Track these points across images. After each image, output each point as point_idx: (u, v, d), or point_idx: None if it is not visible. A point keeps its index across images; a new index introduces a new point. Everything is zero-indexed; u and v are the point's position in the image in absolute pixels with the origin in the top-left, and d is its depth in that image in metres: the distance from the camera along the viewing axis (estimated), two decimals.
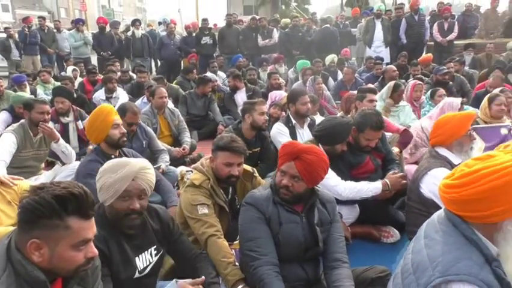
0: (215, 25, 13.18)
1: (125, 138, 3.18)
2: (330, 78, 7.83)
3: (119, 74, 7.53)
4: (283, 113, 4.76)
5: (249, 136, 3.81)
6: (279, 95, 5.36)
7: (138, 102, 5.59)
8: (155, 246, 2.06)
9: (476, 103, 5.19)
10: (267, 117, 3.85)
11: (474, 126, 4.08)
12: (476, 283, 1.33)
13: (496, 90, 4.76)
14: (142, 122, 4.32)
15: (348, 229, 3.11)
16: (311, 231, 2.16)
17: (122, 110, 3.84)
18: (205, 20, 10.67)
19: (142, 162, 1.98)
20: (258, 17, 11.09)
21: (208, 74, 7.51)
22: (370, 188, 3.03)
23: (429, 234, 1.55)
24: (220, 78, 8.00)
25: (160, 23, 12.96)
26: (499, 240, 1.42)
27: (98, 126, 3.10)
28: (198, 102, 6.19)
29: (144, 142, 4.07)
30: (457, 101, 3.98)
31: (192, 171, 3.26)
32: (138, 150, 3.78)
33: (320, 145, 3.08)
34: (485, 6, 11.15)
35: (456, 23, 9.73)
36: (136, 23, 10.39)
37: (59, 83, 6.71)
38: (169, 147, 4.61)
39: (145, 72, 7.26)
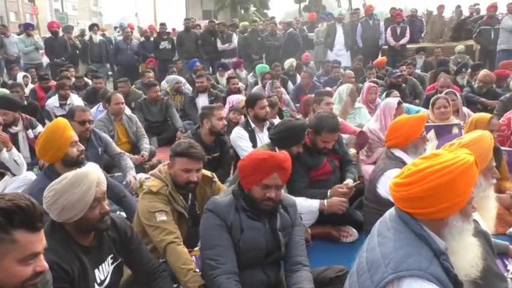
0: (173, 30, 13.05)
1: (83, 156, 2.95)
2: (289, 82, 7.94)
3: (73, 80, 7.29)
4: (243, 118, 4.77)
5: (208, 141, 3.79)
6: (237, 99, 5.38)
7: (93, 110, 5.43)
8: (112, 255, 2.01)
9: (427, 104, 5.42)
10: (226, 122, 3.84)
11: (430, 124, 4.30)
12: (426, 277, 1.39)
13: (448, 92, 4.98)
14: (97, 129, 4.21)
15: (308, 231, 3.15)
16: (273, 236, 2.18)
17: (70, 113, 3.75)
18: (163, 25, 10.56)
19: (95, 167, 1.96)
20: (216, 21, 11.09)
21: (172, 76, 7.40)
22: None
23: (382, 232, 1.60)
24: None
25: (116, 28, 12.68)
26: (446, 235, 1.50)
27: (54, 145, 2.75)
28: (152, 108, 6.08)
29: (100, 149, 3.96)
30: (394, 101, 4.17)
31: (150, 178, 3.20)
32: (94, 158, 3.68)
33: (276, 148, 3.12)
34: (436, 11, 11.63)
35: (408, 27, 10.13)
36: (94, 27, 10.15)
37: (7, 91, 6.39)
38: (128, 154, 4.51)
39: (101, 77, 7.08)
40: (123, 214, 3.25)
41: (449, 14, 12.15)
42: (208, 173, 2.81)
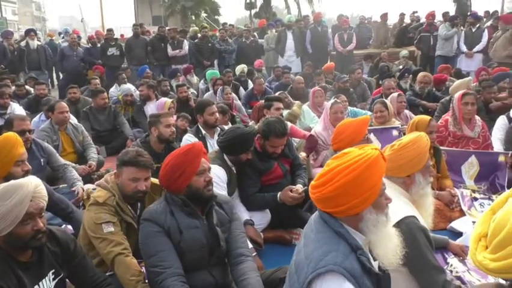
0: (122, 36, 12.75)
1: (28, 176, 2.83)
2: (241, 88, 7.98)
3: (13, 88, 6.90)
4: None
5: (157, 149, 3.73)
6: (161, 104, 5.35)
7: (35, 119, 5.17)
8: (53, 270, 1.92)
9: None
10: (174, 129, 3.79)
11: (371, 128, 4.48)
12: (339, 271, 1.46)
13: (393, 96, 5.22)
14: (40, 139, 4.03)
15: (261, 235, 3.18)
16: (212, 232, 2.21)
17: (8, 122, 3.61)
18: (110, 31, 10.29)
19: (34, 180, 1.86)
20: (167, 28, 10.94)
21: (125, 87, 7.18)
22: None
23: (307, 234, 1.67)
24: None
25: (60, 34, 12.18)
26: (364, 229, 1.59)
27: None
28: (99, 116, 5.88)
29: (42, 160, 3.78)
30: (329, 103, 4.37)
31: None
32: (36, 170, 3.49)
33: (225, 155, 3.14)
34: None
35: (354, 34, 10.51)
36: (30, 32, 9.65)
37: None
38: (73, 164, 4.34)
39: (43, 83, 6.76)
40: (69, 227, 3.12)
41: (393, 21, 12.74)
42: (157, 181, 2.76)
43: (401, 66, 9.22)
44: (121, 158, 2.52)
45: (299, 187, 3.28)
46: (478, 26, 9.38)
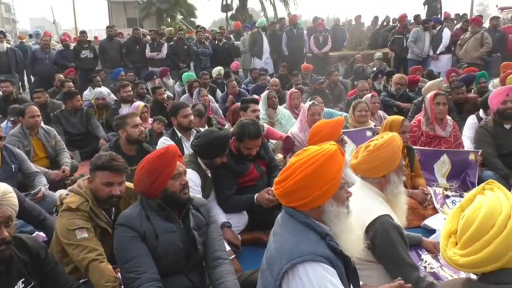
0: (96, 38, 12.53)
1: None
2: (217, 90, 7.96)
3: None
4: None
5: (129, 152, 3.65)
6: (135, 107, 5.31)
7: (3, 125, 5.00)
8: (23, 279, 1.87)
9: (348, 108, 5.72)
10: (143, 129, 3.73)
11: (345, 130, 4.54)
12: (317, 259, 1.51)
13: (367, 97, 5.31)
14: (11, 144, 3.92)
15: (238, 237, 3.18)
16: (189, 236, 2.19)
17: None
18: (83, 33, 10.09)
19: (3, 187, 1.79)
20: (142, 30, 10.82)
21: (97, 90, 7.05)
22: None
23: (275, 231, 1.72)
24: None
25: (31, 36, 11.87)
26: (327, 221, 1.66)
27: None
28: (72, 119, 5.79)
29: (13, 166, 3.68)
30: (307, 104, 4.42)
31: None
32: (7, 176, 3.43)
33: (199, 158, 3.12)
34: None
35: (329, 36, 10.64)
36: None
37: None
38: (46, 170, 4.24)
39: (9, 81, 6.57)
40: (42, 234, 3.05)
41: (368, 23, 12.97)
42: (131, 184, 2.72)
43: (375, 68, 9.39)
44: (94, 162, 2.48)
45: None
46: (439, 28, 9.63)
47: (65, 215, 2.36)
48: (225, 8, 23.76)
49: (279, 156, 4.07)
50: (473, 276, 1.70)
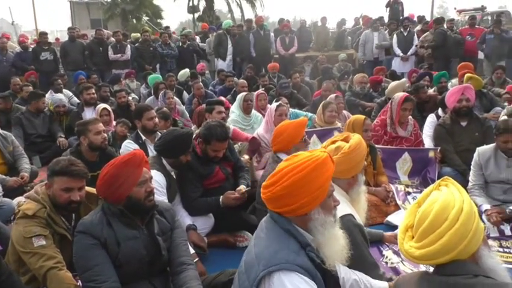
0: (57, 39, 12.15)
1: None
2: (184, 92, 7.89)
3: None
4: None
5: (91, 157, 3.55)
6: (97, 110, 5.21)
7: None
8: None
9: (314, 109, 5.80)
10: (106, 135, 3.64)
11: (312, 129, 4.60)
12: (294, 268, 1.50)
13: (331, 97, 5.39)
14: None
15: (204, 239, 3.16)
16: (153, 242, 2.15)
17: None
18: (43, 34, 9.75)
19: None
20: (107, 31, 10.57)
21: (56, 97, 6.79)
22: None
23: (257, 234, 1.69)
24: (66, 96, 7.34)
25: None
26: (312, 229, 1.64)
27: None
28: (35, 120, 5.64)
29: None
30: (274, 105, 4.44)
31: None
32: None
33: (163, 159, 3.07)
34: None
35: (295, 37, 10.74)
36: None
37: None
38: (3, 176, 4.07)
39: None
40: None
41: (333, 25, 13.22)
42: (93, 189, 2.65)
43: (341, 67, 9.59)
44: (52, 167, 2.40)
45: (242, 187, 3.30)
46: (408, 29, 9.95)
47: (21, 222, 2.28)
48: (192, 9, 23.54)
49: (245, 157, 4.06)
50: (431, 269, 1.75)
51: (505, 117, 4.19)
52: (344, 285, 1.92)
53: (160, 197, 2.82)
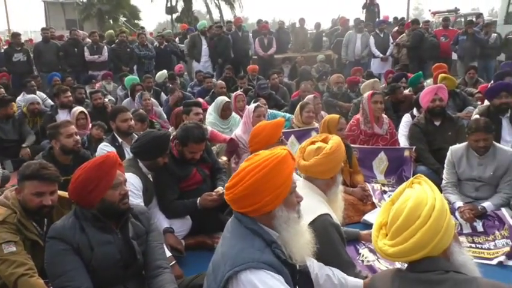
0: (31, 40, 11.87)
1: None
2: (162, 94, 7.81)
3: None
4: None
5: (64, 161, 3.46)
6: (72, 114, 5.13)
7: None
8: None
9: (292, 109, 5.83)
10: (79, 138, 3.56)
11: (290, 130, 4.62)
12: (260, 266, 1.51)
13: (309, 97, 5.42)
14: None
15: (181, 242, 3.13)
16: (127, 246, 2.12)
17: None
18: (16, 35, 9.51)
19: None
20: (82, 32, 10.39)
21: (29, 96, 6.63)
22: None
23: (224, 235, 1.71)
24: (40, 98, 7.17)
25: None
26: (277, 226, 1.66)
27: None
28: (5, 127, 5.49)
29: None
30: (252, 106, 4.46)
31: None
32: None
33: (140, 161, 3.03)
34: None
35: (274, 38, 10.78)
36: None
37: None
38: None
39: None
40: None
41: (311, 26, 13.31)
42: (66, 194, 2.60)
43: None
44: (22, 171, 2.35)
45: (220, 189, 3.29)
46: (384, 31, 10.12)
47: None
48: (170, 10, 23.39)
49: (223, 159, 4.05)
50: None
51: (477, 116, 4.28)
52: (317, 281, 1.94)
53: (136, 200, 2.78)
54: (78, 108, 5.19)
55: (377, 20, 11.96)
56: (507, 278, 2.63)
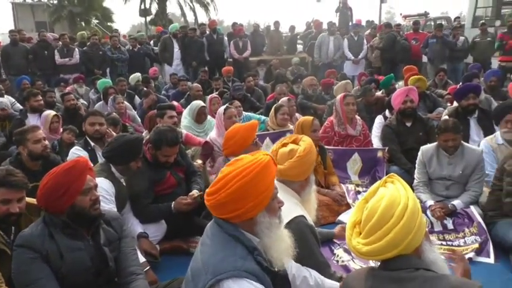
0: None
1: None
2: (136, 97, 7.69)
3: None
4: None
5: (33, 166, 3.34)
6: (45, 117, 4.98)
7: None
8: None
9: (267, 112, 5.84)
10: (47, 143, 3.47)
11: (265, 132, 4.63)
12: (242, 275, 1.50)
13: (284, 100, 5.45)
14: None
15: (156, 247, 3.09)
16: (99, 253, 2.09)
17: None
18: None
19: None
20: (53, 34, 10.13)
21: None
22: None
23: (203, 241, 1.67)
24: (8, 102, 6.94)
25: None
26: (259, 232, 1.64)
27: None
28: None
29: None
30: (221, 109, 4.48)
31: None
32: None
33: (112, 166, 2.98)
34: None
35: (249, 41, 10.80)
36: None
37: None
38: None
39: None
40: None
41: (285, 29, 13.40)
42: (34, 200, 2.52)
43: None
44: None
45: (195, 192, 3.26)
46: (358, 34, 10.30)
47: None
48: (144, 12, 23.09)
49: (198, 162, 4.02)
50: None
51: (446, 117, 4.41)
52: (294, 282, 1.95)
53: (108, 205, 2.73)
54: (51, 112, 5.05)
55: (351, 23, 12.15)
56: (476, 274, 2.69)
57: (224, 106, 4.43)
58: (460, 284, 1.41)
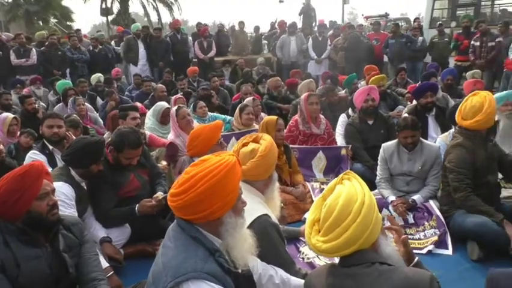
0: None
1: None
2: (98, 98, 7.49)
3: None
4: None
5: None
6: (2, 119, 4.78)
7: None
8: None
9: (233, 112, 5.82)
10: (2, 148, 3.33)
11: (231, 133, 4.63)
12: (202, 276, 1.49)
13: (248, 100, 5.46)
14: None
15: (120, 251, 3.02)
16: (58, 260, 2.03)
17: None
18: None
19: None
20: (7, 34, 9.70)
21: None
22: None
23: (165, 244, 1.65)
24: None
25: None
26: (223, 233, 1.63)
27: None
28: None
29: None
30: (173, 110, 4.45)
31: None
32: None
33: (72, 169, 2.89)
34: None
35: (213, 41, 10.75)
36: None
37: None
38: None
39: None
40: None
41: (250, 29, 13.44)
42: None
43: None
44: None
45: (159, 194, 3.21)
46: (323, 35, 10.47)
47: None
48: (105, 11, 22.48)
49: (163, 163, 3.96)
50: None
51: (406, 115, 4.55)
52: (259, 281, 1.95)
53: (68, 210, 2.64)
54: (9, 115, 4.84)
55: (314, 23, 12.34)
56: (435, 265, 2.80)
57: (175, 107, 4.38)
58: (413, 275, 1.45)
